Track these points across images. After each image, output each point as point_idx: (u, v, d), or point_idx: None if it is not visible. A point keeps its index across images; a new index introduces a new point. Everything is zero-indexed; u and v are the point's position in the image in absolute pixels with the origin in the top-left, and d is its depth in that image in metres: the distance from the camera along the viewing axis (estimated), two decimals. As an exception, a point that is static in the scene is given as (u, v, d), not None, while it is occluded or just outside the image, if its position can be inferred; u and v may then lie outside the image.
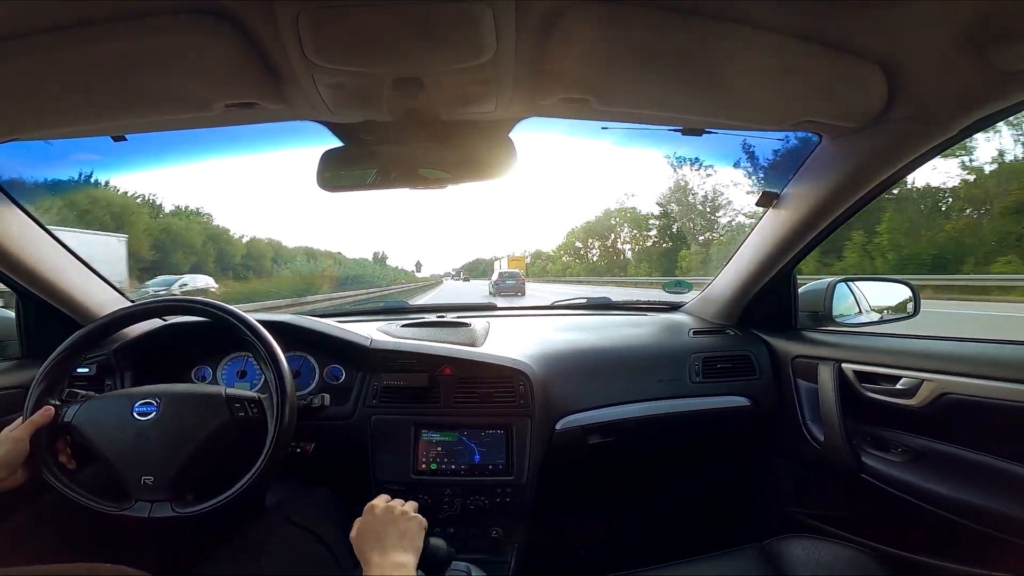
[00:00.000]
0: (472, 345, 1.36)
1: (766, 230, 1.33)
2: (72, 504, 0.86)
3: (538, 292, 17.24)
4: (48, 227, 1.15)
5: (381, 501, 0.84)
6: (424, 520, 0.83)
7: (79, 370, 1.18)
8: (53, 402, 0.91)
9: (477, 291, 19.73)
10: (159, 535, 1.00)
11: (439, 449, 1.22)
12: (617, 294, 2.19)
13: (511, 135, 0.99)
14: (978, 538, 0.95)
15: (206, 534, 0.98)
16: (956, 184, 16.04)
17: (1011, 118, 0.90)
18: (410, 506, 0.84)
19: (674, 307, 1.82)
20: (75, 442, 0.92)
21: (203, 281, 13.79)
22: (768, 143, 1.06)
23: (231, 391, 0.95)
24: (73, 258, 1.24)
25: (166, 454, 0.88)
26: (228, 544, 0.95)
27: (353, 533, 0.80)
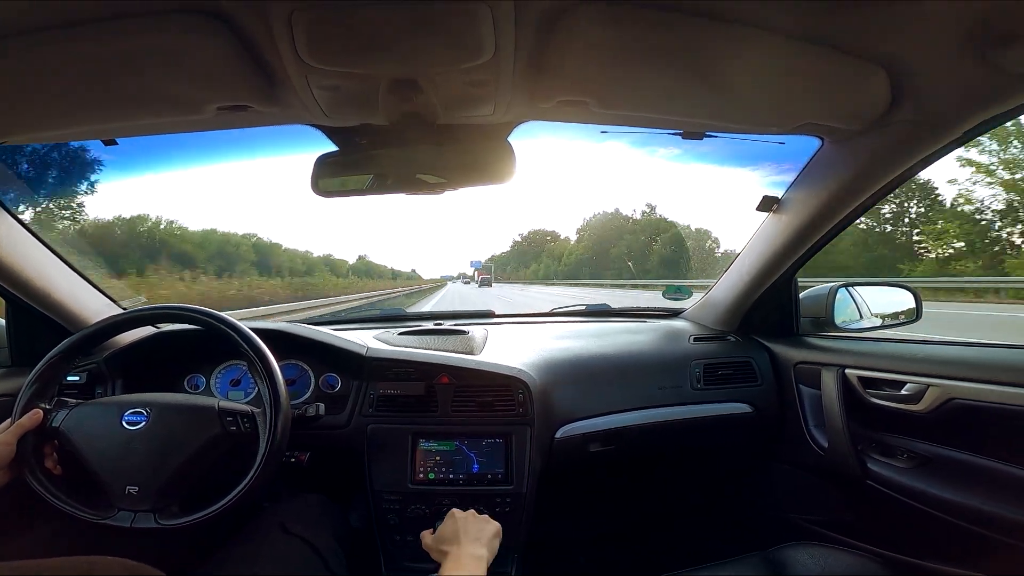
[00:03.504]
0: (470, 353, 1.35)
1: (767, 235, 1.33)
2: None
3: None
4: (37, 233, 1.13)
5: (460, 511, 0.93)
6: (500, 527, 0.92)
7: (69, 378, 1.15)
8: (43, 406, 0.90)
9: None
10: (154, 540, 0.98)
11: (437, 458, 1.20)
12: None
13: (510, 139, 0.98)
14: (986, 544, 0.94)
15: (200, 540, 0.96)
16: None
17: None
18: (486, 517, 0.94)
19: (674, 313, 1.81)
20: (62, 448, 0.91)
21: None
22: (768, 146, 1.04)
23: (224, 404, 0.94)
24: (63, 264, 1.22)
25: (153, 465, 0.87)
26: (222, 551, 0.93)
27: (429, 541, 0.90)
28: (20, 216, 1.09)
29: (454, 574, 0.78)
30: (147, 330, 1.29)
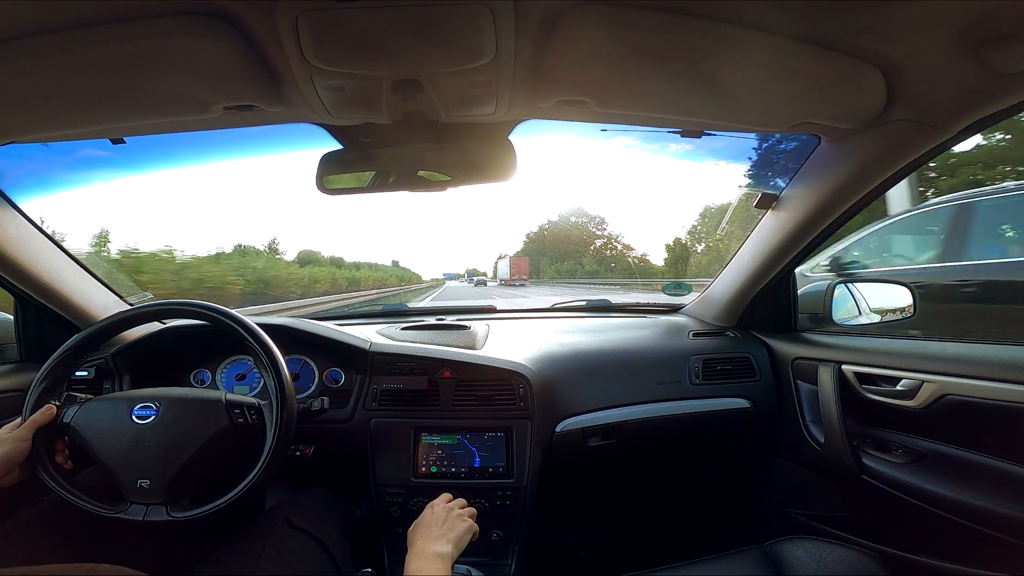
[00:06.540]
0: (472, 348, 1.36)
1: (765, 232, 1.34)
2: (72, 504, 0.86)
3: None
4: (46, 230, 1.15)
5: (442, 500, 0.95)
6: (476, 526, 0.92)
7: (77, 374, 1.17)
8: (54, 402, 0.91)
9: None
10: (159, 536, 0.99)
11: (439, 452, 1.21)
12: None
13: (511, 137, 0.99)
14: (979, 539, 0.95)
15: (206, 535, 0.98)
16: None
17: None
18: (468, 511, 0.95)
19: (674, 309, 1.82)
20: (73, 443, 0.92)
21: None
22: (767, 144, 1.06)
23: (231, 397, 0.95)
24: (71, 261, 1.23)
25: (163, 458, 0.88)
26: (227, 545, 0.94)
27: (411, 528, 0.89)
28: (27, 212, 1.11)
29: (414, 573, 0.78)
30: (153, 325, 1.30)
